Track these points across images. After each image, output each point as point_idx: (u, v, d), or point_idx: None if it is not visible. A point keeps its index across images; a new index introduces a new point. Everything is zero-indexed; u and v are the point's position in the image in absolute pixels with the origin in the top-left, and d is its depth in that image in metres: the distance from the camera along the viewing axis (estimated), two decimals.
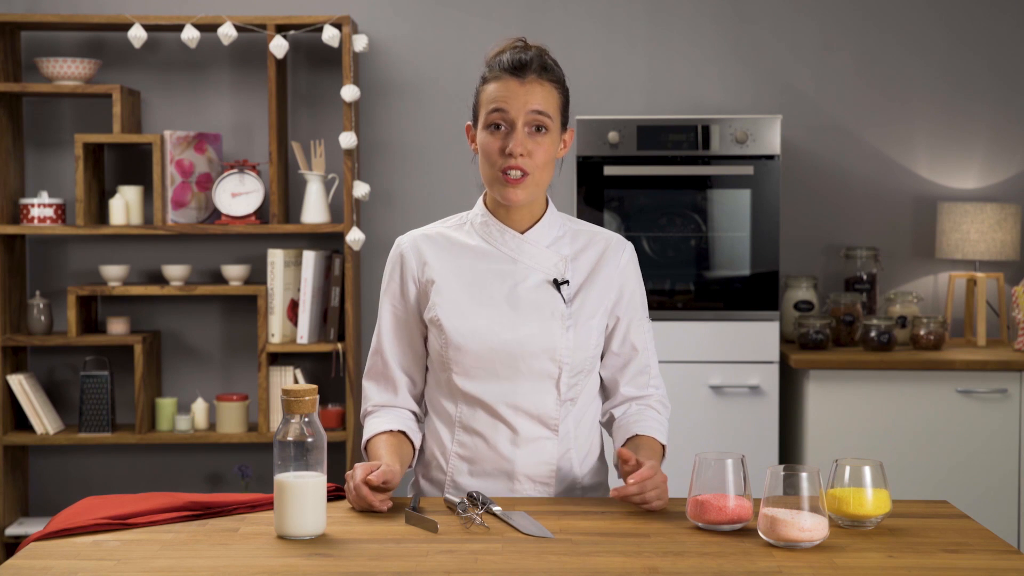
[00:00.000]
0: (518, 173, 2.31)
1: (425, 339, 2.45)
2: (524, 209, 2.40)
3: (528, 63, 2.33)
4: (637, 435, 2.41)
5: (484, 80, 2.37)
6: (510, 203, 2.34)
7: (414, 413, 2.49)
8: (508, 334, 2.35)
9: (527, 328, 2.36)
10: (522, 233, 2.41)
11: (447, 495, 2.32)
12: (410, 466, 2.44)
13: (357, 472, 2.22)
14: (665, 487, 2.22)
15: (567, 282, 2.39)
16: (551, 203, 2.46)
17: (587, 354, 2.40)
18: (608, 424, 2.51)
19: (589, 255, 2.44)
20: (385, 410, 2.46)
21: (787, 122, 4.72)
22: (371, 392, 2.49)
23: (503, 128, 2.32)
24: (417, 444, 2.45)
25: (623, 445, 2.42)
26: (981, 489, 4.27)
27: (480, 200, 2.46)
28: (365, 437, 2.43)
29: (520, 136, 2.31)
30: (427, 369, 2.48)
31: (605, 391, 2.52)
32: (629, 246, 2.48)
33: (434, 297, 2.39)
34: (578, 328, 2.38)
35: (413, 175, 4.81)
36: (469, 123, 2.42)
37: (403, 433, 2.42)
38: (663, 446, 2.43)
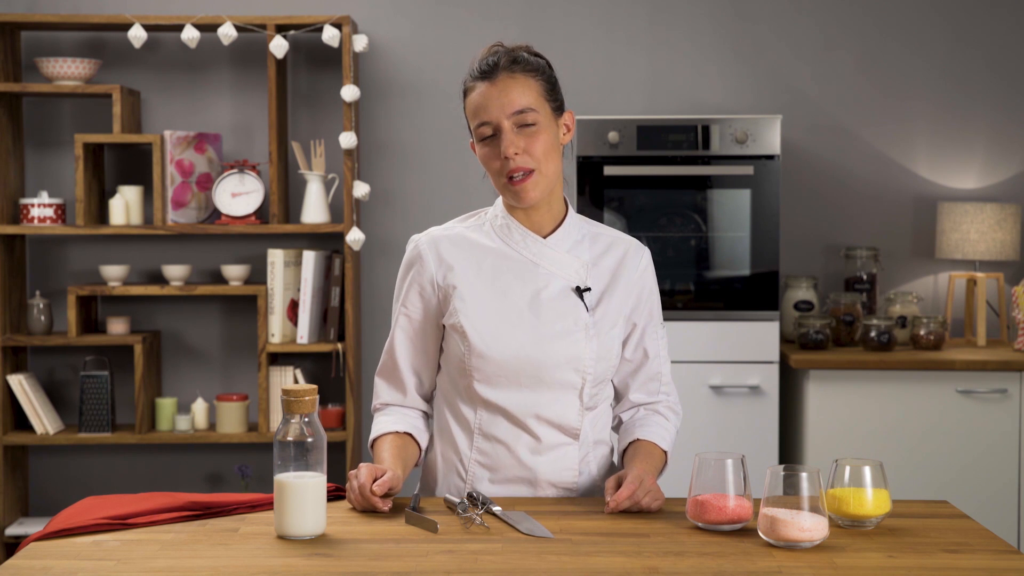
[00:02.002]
0: (520, 173, 2.29)
1: (440, 340, 2.42)
2: (544, 210, 2.36)
3: (496, 63, 2.30)
4: (638, 439, 2.40)
5: (464, 94, 2.35)
6: (525, 204, 2.31)
7: (423, 412, 2.47)
8: (532, 344, 2.31)
9: (551, 338, 2.32)
10: (544, 236, 2.37)
11: (447, 495, 2.31)
12: (416, 464, 2.43)
13: (362, 473, 2.21)
14: (657, 488, 2.22)
15: (589, 289, 2.36)
16: (571, 206, 2.42)
17: (609, 363, 2.37)
18: (617, 427, 2.50)
19: (609, 261, 2.40)
20: (393, 409, 2.45)
21: (787, 122, 4.72)
22: (381, 390, 2.47)
23: (493, 136, 2.29)
24: (423, 445, 2.43)
25: (624, 450, 2.42)
26: (981, 489, 4.27)
27: (499, 200, 2.41)
28: (372, 435, 2.42)
29: (509, 137, 2.27)
30: (439, 368, 2.45)
31: (615, 396, 2.50)
32: (646, 252, 2.45)
33: (456, 303, 2.34)
34: (601, 338, 2.35)
35: (413, 175, 4.81)
36: (472, 141, 2.38)
37: (409, 435, 2.42)
38: (665, 452, 2.42)
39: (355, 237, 4.48)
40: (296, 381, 4.57)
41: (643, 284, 2.42)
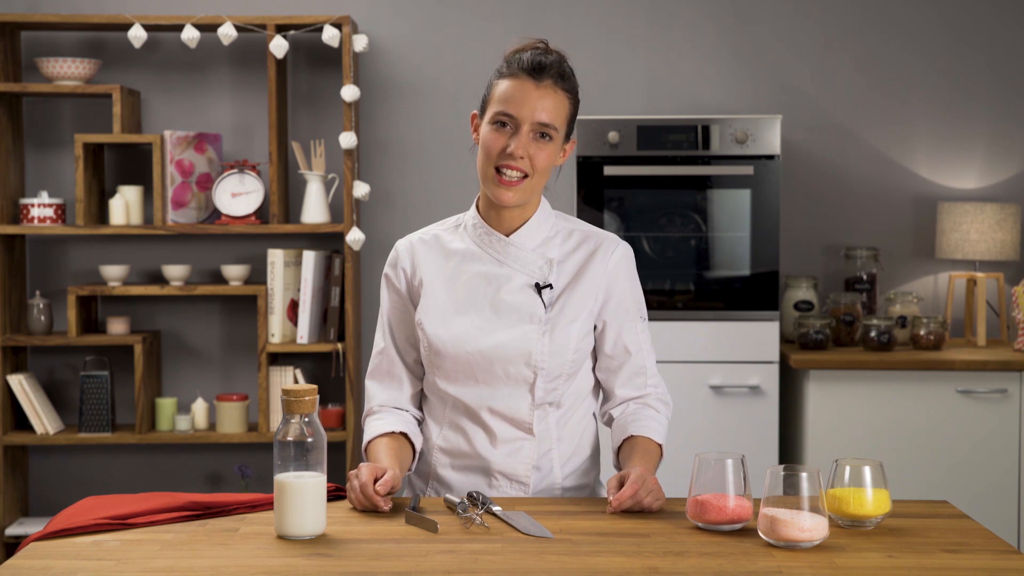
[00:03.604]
0: (514, 174, 2.31)
1: None
2: (516, 210, 2.40)
3: (547, 67, 2.32)
4: (633, 436, 2.41)
5: (500, 75, 2.35)
6: (501, 204, 2.34)
7: (415, 417, 2.49)
8: (485, 340, 2.36)
9: (504, 333, 2.36)
10: (508, 235, 2.41)
11: (447, 495, 2.32)
12: (410, 469, 2.44)
13: (363, 472, 2.22)
14: (659, 487, 2.22)
15: (550, 286, 2.38)
16: (544, 202, 2.45)
17: (565, 359, 2.38)
18: (608, 424, 2.51)
19: (578, 256, 2.42)
20: (387, 411, 2.46)
21: (787, 122, 4.72)
22: (374, 392, 2.49)
23: (508, 127, 2.31)
24: (418, 447, 2.45)
25: (619, 447, 2.42)
26: (981, 489, 4.27)
27: (474, 202, 2.46)
28: (366, 438, 2.42)
29: (524, 139, 2.30)
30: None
31: (603, 393, 2.51)
32: (622, 246, 2.45)
33: (420, 300, 2.41)
34: (555, 333, 2.37)
35: (413, 175, 4.81)
36: (475, 112, 2.41)
37: (404, 435, 2.42)
38: (660, 445, 2.43)
39: (355, 237, 4.48)
40: (296, 381, 4.57)
41: (613, 280, 2.43)
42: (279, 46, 4.41)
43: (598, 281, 2.41)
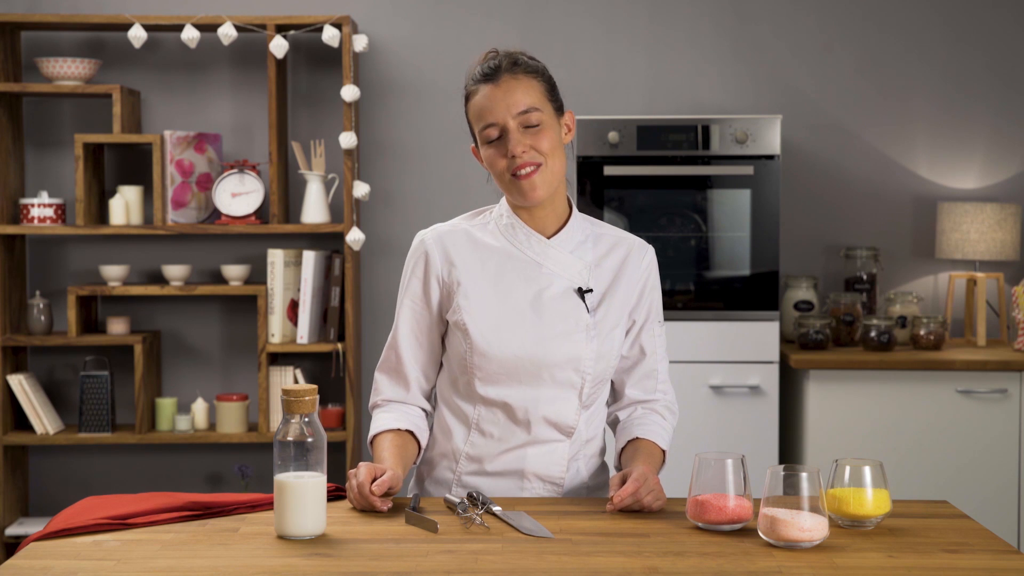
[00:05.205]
0: (528, 168, 2.30)
1: (443, 337, 2.43)
2: (548, 210, 2.37)
3: (497, 66, 2.33)
4: (638, 438, 2.41)
5: (466, 99, 2.38)
6: (532, 201, 2.32)
7: (423, 410, 2.47)
8: (534, 343, 2.33)
9: (552, 338, 2.33)
10: (548, 237, 2.38)
11: (447, 495, 2.31)
12: (414, 463, 2.43)
13: (361, 472, 2.22)
14: (660, 487, 2.22)
15: (591, 290, 2.37)
16: (574, 206, 2.44)
17: (609, 364, 2.39)
18: (613, 425, 2.51)
19: (611, 261, 2.42)
20: (395, 405, 2.44)
21: (787, 122, 4.72)
22: (383, 385, 2.46)
23: (500, 137, 2.32)
24: (423, 444, 2.43)
25: (623, 448, 2.42)
26: (981, 489, 4.27)
27: (504, 199, 2.42)
28: (372, 431, 2.41)
29: (516, 136, 2.29)
30: (441, 365, 2.46)
31: (612, 393, 2.51)
32: (650, 250, 2.47)
33: (460, 300, 2.35)
34: (602, 339, 2.36)
35: (413, 175, 4.81)
36: (473, 146, 2.41)
37: (409, 432, 2.41)
38: (663, 451, 2.43)
39: (355, 237, 4.48)
40: (296, 381, 4.57)
41: (645, 282, 2.44)
42: (279, 46, 4.41)
43: (634, 286, 2.42)
